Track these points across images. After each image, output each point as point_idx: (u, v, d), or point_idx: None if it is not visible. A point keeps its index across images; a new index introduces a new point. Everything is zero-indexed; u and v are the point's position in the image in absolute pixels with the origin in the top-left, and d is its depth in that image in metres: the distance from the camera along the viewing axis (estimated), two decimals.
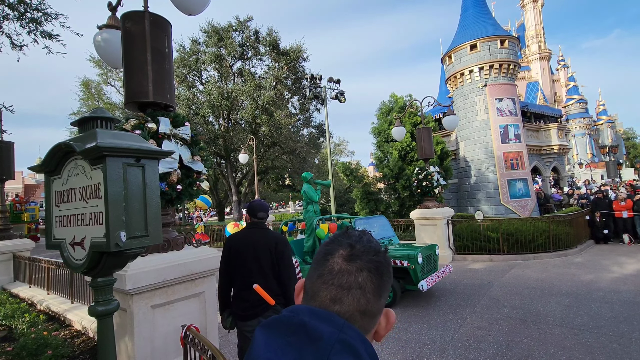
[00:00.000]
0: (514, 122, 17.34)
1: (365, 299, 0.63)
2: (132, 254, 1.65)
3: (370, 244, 0.69)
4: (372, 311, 0.64)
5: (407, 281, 5.85)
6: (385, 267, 0.67)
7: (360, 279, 0.63)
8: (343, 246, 0.67)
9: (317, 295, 0.65)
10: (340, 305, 0.62)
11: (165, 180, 2.96)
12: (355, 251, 0.66)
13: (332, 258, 0.66)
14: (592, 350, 4.00)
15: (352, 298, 0.63)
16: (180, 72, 18.39)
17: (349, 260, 0.65)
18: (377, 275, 0.65)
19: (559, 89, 47.33)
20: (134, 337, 2.62)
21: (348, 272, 0.64)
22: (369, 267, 0.65)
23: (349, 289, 0.63)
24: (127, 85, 3.00)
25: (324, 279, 0.65)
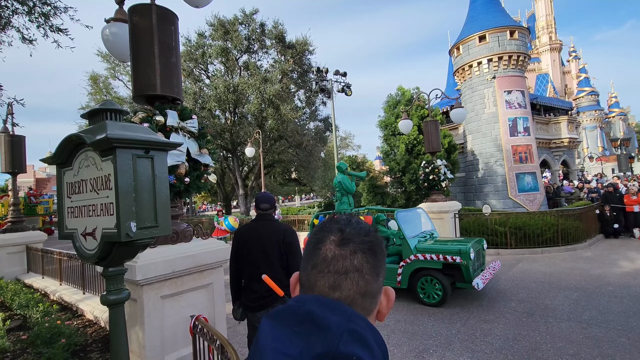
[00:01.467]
0: (523, 114, 17.09)
1: (364, 281, 0.63)
2: (142, 244, 1.67)
3: (359, 225, 0.68)
4: (372, 291, 0.64)
5: (457, 278, 5.50)
6: (378, 246, 0.67)
7: (356, 262, 0.63)
8: (333, 232, 0.66)
9: (315, 285, 0.64)
10: (340, 291, 0.62)
11: (173, 173, 2.99)
12: (346, 235, 0.65)
13: (323, 246, 0.65)
14: (600, 344, 3.98)
15: (350, 282, 0.62)
16: (187, 65, 18.41)
17: (342, 245, 0.64)
18: (372, 255, 0.65)
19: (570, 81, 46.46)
20: (144, 326, 2.67)
21: (342, 256, 0.63)
22: (363, 248, 0.64)
23: (346, 273, 0.62)
24: (134, 79, 3.01)
25: (319, 268, 0.64)
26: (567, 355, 3.78)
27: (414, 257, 5.65)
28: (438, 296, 5.45)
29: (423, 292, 5.60)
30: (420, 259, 5.59)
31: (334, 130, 15.47)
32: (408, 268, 5.73)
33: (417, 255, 5.63)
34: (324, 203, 27.09)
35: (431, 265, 5.52)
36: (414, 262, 5.67)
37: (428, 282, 5.57)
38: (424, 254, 5.58)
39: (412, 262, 5.68)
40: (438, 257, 5.44)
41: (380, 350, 0.57)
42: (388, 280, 5.82)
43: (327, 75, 15.18)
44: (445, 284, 5.41)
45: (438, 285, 5.46)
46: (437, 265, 5.47)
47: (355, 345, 0.53)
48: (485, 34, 17.29)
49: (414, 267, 5.66)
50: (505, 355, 3.84)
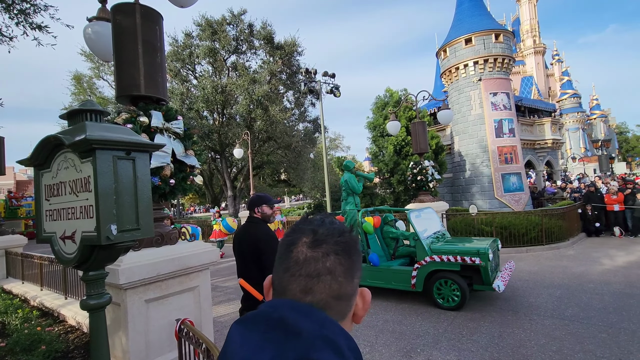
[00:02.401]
0: (508, 116, 17.42)
1: (337, 284, 0.61)
2: (124, 247, 1.64)
3: (333, 225, 0.66)
4: (346, 294, 0.62)
5: (475, 280, 5.25)
6: (352, 246, 0.65)
7: (329, 264, 0.61)
8: (305, 233, 0.64)
9: (286, 289, 0.62)
10: (313, 295, 0.60)
11: (158, 175, 2.95)
12: (319, 236, 0.63)
13: (295, 248, 0.63)
14: (582, 340, 4.08)
15: (323, 285, 0.60)
16: (174, 66, 18.17)
17: (314, 247, 0.62)
18: (346, 256, 0.63)
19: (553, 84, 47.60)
20: (128, 331, 2.62)
21: (314, 259, 0.61)
22: (336, 249, 0.62)
23: (318, 276, 0.60)
24: (118, 79, 2.96)
25: (291, 271, 0.62)
26: (550, 351, 3.86)
27: (430, 259, 5.40)
28: (457, 299, 5.21)
29: (440, 296, 5.38)
30: (437, 261, 5.34)
31: (322, 131, 15.49)
32: (423, 270, 5.47)
33: (433, 257, 5.38)
34: (313, 204, 27.08)
35: (448, 267, 5.28)
36: (429, 264, 5.42)
37: (445, 285, 5.34)
38: (440, 255, 5.35)
39: (427, 264, 5.43)
40: (456, 259, 5.20)
41: (353, 356, 0.56)
42: (402, 283, 5.67)
43: (315, 77, 15.20)
44: (463, 286, 5.17)
45: (456, 287, 5.23)
46: (455, 267, 5.23)
47: (327, 352, 0.52)
48: (471, 36, 17.59)
49: (430, 270, 5.42)
50: (491, 353, 3.90)
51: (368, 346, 4.27)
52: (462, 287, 5.17)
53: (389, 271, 5.87)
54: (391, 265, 6.02)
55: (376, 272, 5.95)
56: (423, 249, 5.53)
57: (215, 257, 3.32)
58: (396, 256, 6.49)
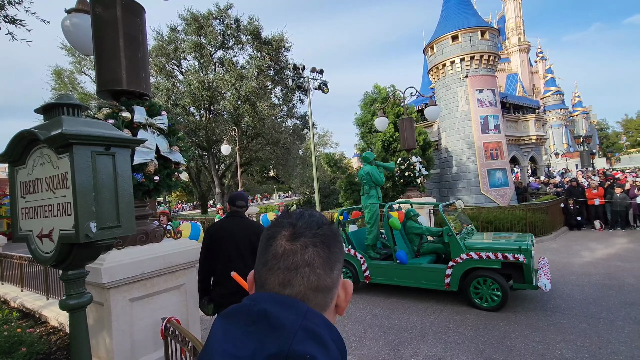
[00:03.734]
0: (493, 113, 17.69)
1: (315, 276, 0.60)
2: (104, 245, 1.60)
3: (312, 218, 0.66)
4: (325, 286, 0.62)
5: (515, 278, 4.92)
6: (331, 238, 0.65)
7: (307, 256, 0.61)
8: (284, 227, 0.64)
9: (265, 283, 0.62)
10: (291, 287, 0.60)
11: (141, 171, 2.89)
12: (297, 229, 0.63)
13: (274, 242, 0.63)
14: (563, 330, 4.19)
15: (301, 278, 0.60)
16: (159, 61, 17.82)
17: (292, 240, 0.62)
18: (324, 248, 0.63)
19: (538, 81, 48.54)
20: (112, 331, 2.57)
21: (293, 252, 0.61)
22: (314, 241, 0.62)
23: (296, 269, 0.60)
24: (99, 73, 2.88)
25: (269, 265, 0.62)
26: (533, 342, 3.96)
27: (467, 256, 5.06)
28: (497, 298, 4.88)
29: (477, 295, 5.06)
30: (475, 258, 5.00)
31: (311, 127, 15.45)
32: (459, 268, 5.12)
33: (470, 254, 5.04)
34: (302, 201, 27.06)
35: (488, 264, 4.93)
36: (466, 262, 5.07)
37: (483, 284, 5.01)
38: (477, 252, 5.01)
39: (464, 262, 5.08)
40: (496, 256, 4.86)
41: (337, 346, 0.56)
42: (434, 283, 5.36)
43: (303, 73, 15.13)
44: (504, 285, 4.84)
45: (496, 287, 4.90)
46: (496, 264, 4.88)
47: (310, 344, 0.52)
48: (457, 33, 17.75)
49: (467, 268, 5.07)
50: (476, 345, 3.98)
51: (356, 341, 4.30)
52: (503, 286, 4.84)
53: (419, 269, 5.53)
54: (420, 262, 5.65)
55: (404, 271, 5.64)
56: (458, 246, 5.20)
57: None
58: (420, 253, 6.16)
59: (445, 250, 5.80)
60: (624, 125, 66.04)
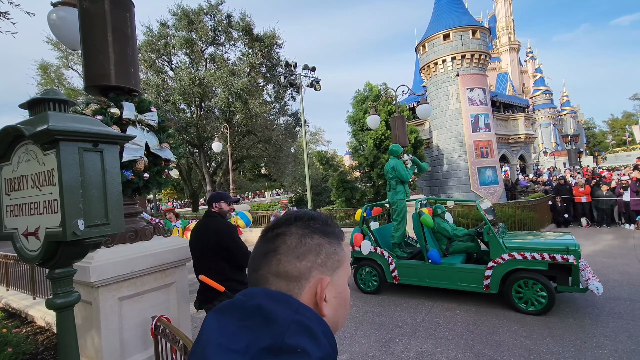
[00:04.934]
0: (484, 111, 17.89)
1: (276, 261, 0.65)
2: (92, 243, 1.57)
3: (296, 213, 0.73)
4: (286, 272, 0.64)
5: (560, 280, 4.62)
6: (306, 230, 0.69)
7: (276, 243, 0.67)
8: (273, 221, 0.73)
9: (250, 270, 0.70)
10: (257, 272, 0.67)
11: (131, 168, 2.85)
12: (279, 222, 0.71)
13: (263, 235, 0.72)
14: (550, 325, 4.28)
15: (265, 262, 0.66)
16: (148, 56, 17.54)
17: (271, 230, 0.70)
18: (295, 237, 0.67)
19: (527, 80, 49.18)
20: (101, 330, 2.54)
21: (267, 240, 0.69)
22: (285, 231, 0.68)
23: (265, 255, 0.67)
24: (86, 68, 2.82)
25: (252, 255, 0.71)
26: (521, 337, 4.03)
27: (509, 257, 4.73)
28: (543, 301, 4.56)
29: (520, 299, 4.74)
30: (518, 259, 4.68)
31: (303, 125, 15.41)
32: (500, 270, 4.79)
33: (513, 255, 4.71)
34: (294, 198, 27.03)
35: (533, 266, 4.61)
36: (508, 263, 4.74)
37: (526, 286, 4.69)
38: (521, 252, 4.69)
39: (506, 263, 4.75)
40: (542, 257, 4.54)
41: (328, 340, 0.58)
42: (471, 284, 5.05)
43: (296, 70, 15.07)
44: (551, 287, 4.52)
45: (540, 289, 4.59)
46: (541, 265, 4.56)
47: (302, 337, 0.53)
48: (449, 32, 17.87)
49: (509, 269, 4.74)
50: (466, 340, 4.04)
51: (348, 337, 4.32)
52: (549, 289, 4.52)
53: (454, 270, 5.20)
54: (453, 262, 5.31)
55: (438, 271, 5.32)
56: (499, 246, 4.88)
57: None
58: (449, 252, 5.74)
59: (477, 250, 5.61)
60: (610, 124, 67.48)
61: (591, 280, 4.49)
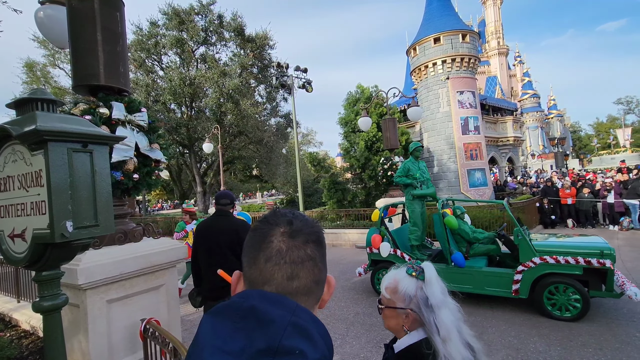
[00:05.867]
0: (473, 114, 18.13)
1: (317, 269, 0.66)
2: (81, 245, 1.55)
3: (304, 217, 0.72)
4: (322, 279, 0.68)
5: (593, 285, 4.40)
6: (322, 237, 0.71)
7: (309, 251, 0.66)
8: (281, 225, 0.67)
9: (272, 278, 0.64)
10: (298, 280, 0.64)
11: (120, 169, 2.82)
12: (296, 226, 0.67)
13: (274, 238, 0.66)
14: (537, 324, 4.36)
15: (307, 270, 0.64)
16: (138, 56, 17.33)
17: (293, 236, 0.66)
18: (319, 244, 0.68)
19: (515, 84, 50.01)
20: (89, 333, 2.50)
21: (297, 247, 0.65)
22: (312, 238, 0.67)
23: (302, 262, 0.64)
24: (75, 68, 2.79)
25: (274, 260, 0.64)
26: (510, 336, 4.09)
27: (541, 260, 4.52)
28: (578, 306, 4.35)
29: (552, 304, 4.53)
30: (551, 263, 4.45)
31: (294, 126, 15.41)
32: (531, 274, 4.58)
33: (545, 258, 4.49)
34: (285, 200, 26.96)
35: (567, 270, 4.40)
36: (540, 267, 4.53)
37: (558, 292, 4.49)
38: (553, 256, 4.47)
39: (537, 267, 4.54)
40: (577, 261, 4.31)
41: (325, 342, 0.58)
42: (499, 289, 4.84)
43: (287, 71, 15.07)
44: (585, 293, 4.32)
45: (573, 293, 4.39)
46: (576, 270, 4.34)
47: (299, 339, 0.53)
48: (439, 36, 18.08)
49: (540, 273, 4.54)
50: None
51: (339, 339, 4.33)
52: (583, 294, 4.32)
53: (481, 274, 4.98)
54: (479, 266, 5.11)
55: (463, 275, 5.09)
56: (529, 249, 4.66)
57: (183, 254, 3.24)
58: (470, 255, 5.49)
59: (498, 253, 5.47)
60: (596, 128, 69.02)
61: (627, 285, 4.22)
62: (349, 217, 12.39)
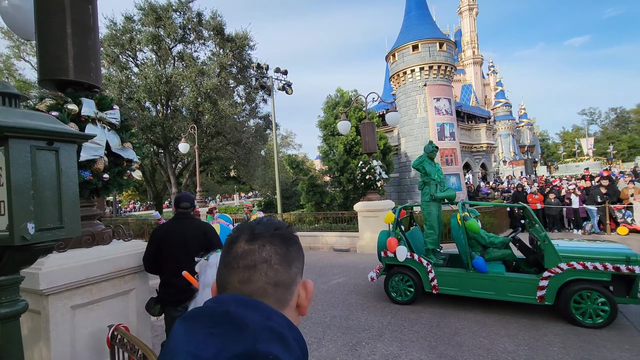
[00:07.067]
0: (449, 120, 18.67)
1: (273, 271, 0.65)
2: (44, 248, 1.46)
3: (270, 221, 0.72)
4: (283, 282, 0.66)
5: (617, 291, 4.39)
6: (289, 238, 0.70)
7: (264, 254, 0.65)
8: (244, 231, 0.69)
9: (227, 283, 0.65)
10: (250, 284, 0.63)
11: (89, 168, 2.69)
12: (256, 231, 0.68)
13: (235, 244, 0.67)
14: (507, 325, 4.51)
15: (259, 274, 0.64)
16: (111, 51, 16.70)
17: (251, 240, 0.66)
18: (282, 246, 0.67)
19: (489, 93, 51.94)
20: (50, 341, 2.36)
21: (251, 251, 0.65)
22: (271, 240, 0.67)
23: (255, 266, 0.64)
24: (41, 61, 2.65)
25: (230, 265, 0.66)
26: (481, 337, 4.22)
27: (567, 266, 4.43)
28: (605, 313, 4.26)
29: (578, 311, 4.41)
30: (578, 269, 4.38)
31: (274, 128, 15.32)
32: (557, 280, 4.49)
33: (572, 264, 4.40)
34: (264, 202, 26.69)
35: (595, 276, 4.33)
36: (566, 273, 4.44)
37: (585, 298, 4.38)
38: (581, 262, 4.39)
39: (564, 273, 4.45)
40: (605, 267, 4.25)
41: (299, 347, 0.58)
42: (523, 295, 4.72)
43: (267, 72, 14.98)
44: (612, 299, 4.24)
45: (596, 295, 4.32)
46: (604, 276, 4.28)
47: (274, 344, 0.53)
48: (418, 43, 18.53)
49: (566, 279, 4.45)
50: (430, 342, 4.16)
51: (315, 342, 4.31)
52: (611, 301, 4.25)
53: (504, 280, 4.84)
54: (500, 272, 4.97)
55: (484, 281, 4.97)
56: (555, 254, 4.54)
57: None
58: (486, 260, 5.32)
59: (514, 258, 5.44)
60: (562, 136, 72.72)
61: None
62: (327, 220, 12.42)
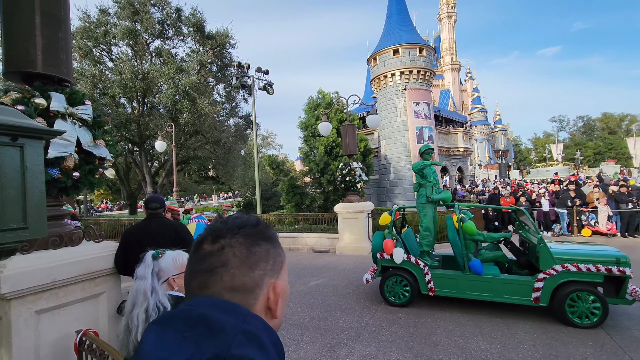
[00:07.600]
0: (428, 124, 19.08)
1: (229, 275, 0.62)
2: (6, 249, 1.38)
3: (236, 220, 0.68)
4: (242, 286, 0.63)
5: (607, 292, 4.53)
6: (253, 239, 0.66)
7: (222, 257, 0.62)
8: (210, 231, 0.66)
9: (188, 287, 0.63)
10: (207, 289, 0.61)
11: (58, 166, 2.57)
12: (220, 232, 0.65)
13: (200, 247, 0.65)
14: (481, 324, 4.64)
15: (215, 278, 0.61)
16: (84, 44, 16.04)
17: (212, 242, 0.64)
18: (242, 248, 0.64)
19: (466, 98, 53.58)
20: (12, 348, 2.23)
21: (211, 254, 0.63)
22: (231, 242, 0.64)
23: (212, 270, 0.62)
24: (7, 52, 2.51)
25: (193, 268, 0.64)
26: (455, 336, 4.32)
27: (562, 268, 4.51)
28: (598, 313, 4.36)
29: (573, 312, 4.49)
30: (572, 271, 4.47)
31: (254, 128, 15.17)
32: (552, 282, 4.56)
33: (567, 266, 4.49)
34: (243, 202, 26.36)
35: (588, 278, 4.44)
36: (561, 274, 4.53)
37: (579, 299, 4.46)
38: (574, 264, 4.48)
39: (559, 274, 4.54)
40: (598, 269, 4.37)
41: (276, 350, 0.57)
42: (518, 297, 4.78)
43: (248, 72, 14.83)
44: (604, 300, 4.36)
45: (594, 301, 4.40)
46: (597, 278, 4.41)
47: (249, 347, 0.52)
48: (399, 48, 18.85)
49: (561, 281, 4.53)
50: (407, 342, 4.22)
51: (294, 344, 4.29)
52: (603, 302, 4.36)
53: (499, 282, 4.89)
54: (496, 273, 5.02)
55: (480, 283, 5.01)
56: (550, 256, 4.63)
57: None
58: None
59: (506, 259, 5.52)
60: (534, 142, 75.89)
61: (639, 292, 4.42)
62: (307, 221, 12.40)
